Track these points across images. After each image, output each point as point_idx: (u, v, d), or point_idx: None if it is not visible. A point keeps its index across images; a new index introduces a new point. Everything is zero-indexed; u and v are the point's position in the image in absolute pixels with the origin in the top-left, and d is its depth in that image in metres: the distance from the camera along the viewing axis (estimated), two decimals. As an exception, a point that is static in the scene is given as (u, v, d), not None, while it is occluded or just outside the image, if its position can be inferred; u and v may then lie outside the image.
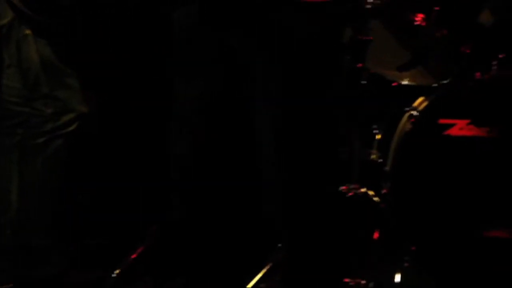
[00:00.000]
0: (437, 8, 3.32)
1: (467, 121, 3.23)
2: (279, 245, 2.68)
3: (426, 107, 3.31)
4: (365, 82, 3.30)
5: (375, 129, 3.66)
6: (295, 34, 2.34)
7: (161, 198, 3.22)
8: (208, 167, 2.55)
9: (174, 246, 3.05)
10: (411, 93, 3.49)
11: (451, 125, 3.25)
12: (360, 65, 3.27)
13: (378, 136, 3.65)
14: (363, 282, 3.22)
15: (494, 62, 3.30)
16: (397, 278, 3.31)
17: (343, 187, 3.34)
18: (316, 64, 2.38)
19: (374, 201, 3.39)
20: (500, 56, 3.31)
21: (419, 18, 3.30)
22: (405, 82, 3.55)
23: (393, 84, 3.60)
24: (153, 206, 3.46)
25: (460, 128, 3.24)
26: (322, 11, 2.38)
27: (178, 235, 2.94)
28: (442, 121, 3.26)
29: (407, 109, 3.40)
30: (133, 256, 3.38)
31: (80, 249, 3.50)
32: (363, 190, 3.36)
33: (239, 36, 2.38)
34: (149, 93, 3.58)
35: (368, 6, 3.26)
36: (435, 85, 3.44)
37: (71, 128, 3.17)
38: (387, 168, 3.41)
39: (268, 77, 2.38)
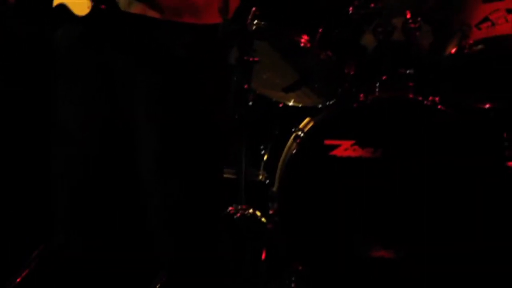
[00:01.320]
0: (321, 30, 3.34)
1: (352, 142, 3.27)
2: (162, 270, 2.63)
3: (311, 128, 3.34)
4: (251, 103, 3.31)
5: (263, 149, 3.68)
6: (176, 52, 2.32)
7: (46, 218, 3.14)
8: (88, 189, 2.50)
9: (58, 269, 2.97)
10: (301, 113, 3.51)
11: (336, 146, 3.27)
12: (246, 86, 3.28)
13: (265, 157, 3.66)
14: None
15: (377, 84, 3.35)
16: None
17: (231, 208, 3.34)
18: (199, 84, 2.36)
19: (261, 221, 3.39)
20: (383, 78, 3.36)
21: (303, 39, 3.32)
22: (291, 103, 3.57)
23: (280, 105, 3.62)
24: (39, 226, 3.40)
25: (345, 149, 3.27)
26: (209, 31, 2.36)
27: (62, 259, 2.86)
28: (328, 142, 3.28)
29: (294, 130, 3.41)
30: (18, 279, 3.31)
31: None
32: (250, 210, 3.36)
33: (118, 55, 2.34)
34: (32, 112, 3.54)
35: (254, 27, 3.28)
36: (320, 106, 3.47)
37: None
38: (274, 188, 3.42)
39: (149, 96, 2.34)
